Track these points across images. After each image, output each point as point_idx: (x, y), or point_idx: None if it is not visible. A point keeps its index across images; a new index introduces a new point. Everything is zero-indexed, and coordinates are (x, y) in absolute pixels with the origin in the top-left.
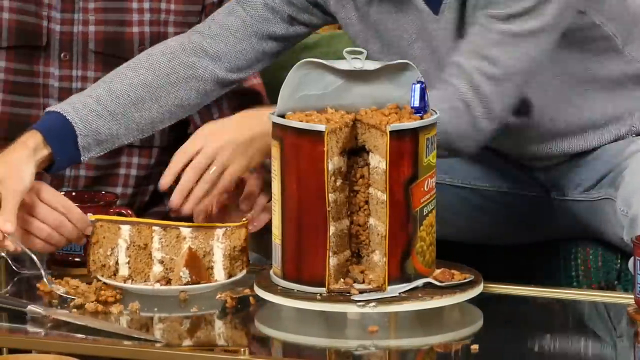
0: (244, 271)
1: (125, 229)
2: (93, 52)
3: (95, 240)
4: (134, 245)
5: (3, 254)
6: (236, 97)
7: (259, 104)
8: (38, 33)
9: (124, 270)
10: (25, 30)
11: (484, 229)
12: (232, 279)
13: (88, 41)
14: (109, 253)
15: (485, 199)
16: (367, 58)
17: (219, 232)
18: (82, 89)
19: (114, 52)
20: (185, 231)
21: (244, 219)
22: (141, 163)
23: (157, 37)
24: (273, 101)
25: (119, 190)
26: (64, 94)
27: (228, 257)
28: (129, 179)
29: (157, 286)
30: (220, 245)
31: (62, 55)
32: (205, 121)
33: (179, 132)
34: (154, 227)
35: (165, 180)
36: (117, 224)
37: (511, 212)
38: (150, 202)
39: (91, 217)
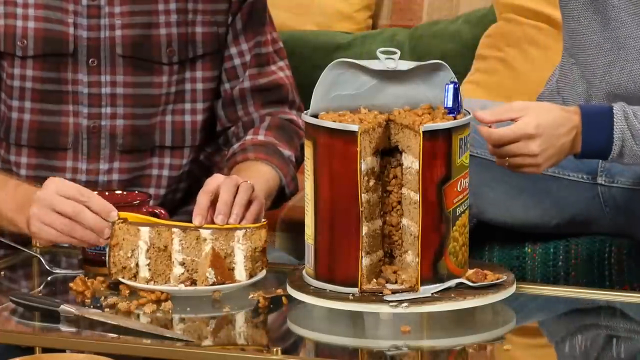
0: (264, 271)
1: (145, 231)
2: (121, 56)
3: (115, 242)
4: (153, 247)
5: (37, 254)
6: (259, 93)
7: (283, 98)
8: (65, 40)
9: (144, 272)
10: (52, 38)
11: (522, 211)
12: (253, 279)
13: (115, 45)
14: (129, 255)
15: (526, 179)
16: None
17: (239, 233)
18: (111, 94)
19: (141, 55)
20: (205, 233)
21: (263, 220)
22: (173, 163)
23: (185, 38)
24: (307, 101)
25: (151, 191)
26: (93, 100)
27: (249, 259)
28: (161, 180)
29: (182, 287)
30: (241, 247)
31: (90, 61)
32: (230, 119)
33: (209, 130)
34: (174, 229)
35: (198, 220)
36: (136, 226)
37: (552, 196)
38: (182, 201)
39: (119, 215)
